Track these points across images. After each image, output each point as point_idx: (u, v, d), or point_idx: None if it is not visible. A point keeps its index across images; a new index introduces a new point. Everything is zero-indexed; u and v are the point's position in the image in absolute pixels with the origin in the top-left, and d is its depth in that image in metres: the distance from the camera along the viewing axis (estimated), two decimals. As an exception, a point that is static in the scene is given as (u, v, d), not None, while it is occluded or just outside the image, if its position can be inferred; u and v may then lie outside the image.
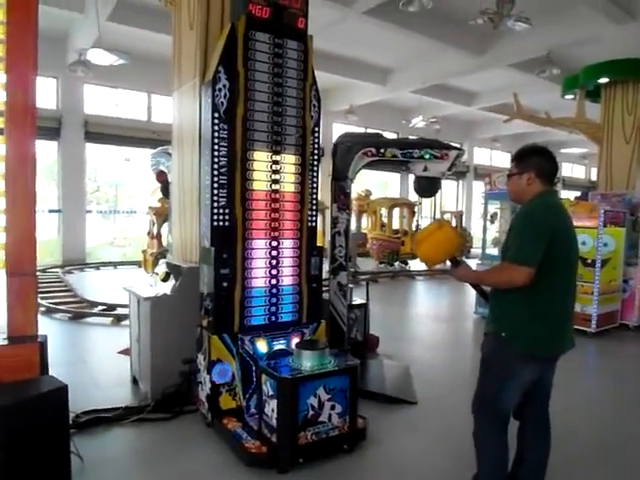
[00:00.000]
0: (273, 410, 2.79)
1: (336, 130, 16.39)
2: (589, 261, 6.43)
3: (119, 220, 15.95)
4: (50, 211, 12.66)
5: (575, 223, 6.68)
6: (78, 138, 12.52)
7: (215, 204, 3.20)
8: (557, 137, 19.56)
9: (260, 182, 3.29)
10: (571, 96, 10.45)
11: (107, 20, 9.20)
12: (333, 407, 2.88)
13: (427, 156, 4.00)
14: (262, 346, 3.26)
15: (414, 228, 14.20)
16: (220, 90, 3.18)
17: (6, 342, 2.71)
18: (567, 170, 26.12)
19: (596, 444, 3.34)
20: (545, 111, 11.22)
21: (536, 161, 2.29)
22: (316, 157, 3.61)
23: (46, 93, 12.14)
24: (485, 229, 7.78)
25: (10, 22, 2.66)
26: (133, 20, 9.59)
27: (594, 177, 13.07)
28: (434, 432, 3.42)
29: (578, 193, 10.92)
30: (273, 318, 3.41)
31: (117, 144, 13.85)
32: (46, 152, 13.02)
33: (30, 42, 2.69)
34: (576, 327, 6.06)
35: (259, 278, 3.33)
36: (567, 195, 16.60)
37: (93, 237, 13.89)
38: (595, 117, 9.89)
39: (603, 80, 9.05)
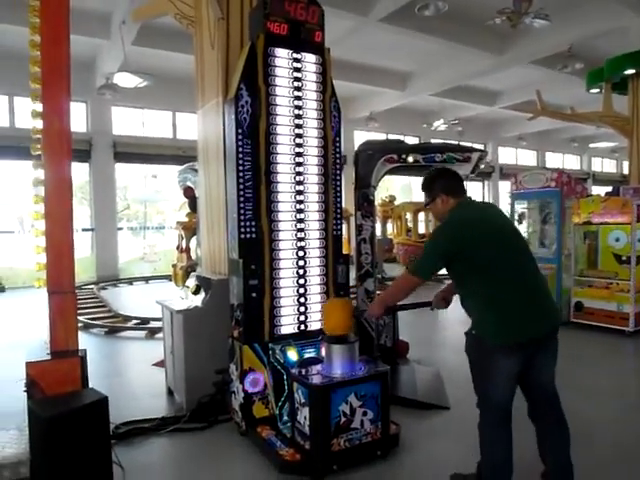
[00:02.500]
0: (305, 417, 2.83)
1: (357, 138, 16.45)
2: (624, 258, 6.25)
3: (149, 236, 16.35)
4: (83, 230, 13.09)
5: (607, 219, 6.52)
6: (108, 158, 12.95)
7: (242, 217, 3.29)
8: (585, 132, 19.18)
9: (285, 194, 3.37)
10: (596, 90, 10.25)
11: (132, 44, 9.53)
12: (365, 413, 2.90)
13: (449, 160, 4.01)
14: (292, 354, 3.31)
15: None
16: (243, 106, 3.28)
17: (49, 357, 2.85)
18: (597, 165, 25.47)
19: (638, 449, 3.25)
20: (570, 106, 11.05)
21: (439, 183, 2.56)
22: (338, 166, 3.67)
23: (77, 117, 12.60)
24: (513, 230, 7.66)
25: (45, 55, 2.82)
26: (156, 42, 9.90)
27: (626, 171, 12.70)
28: (467, 437, 3.35)
29: (609, 188, 10.64)
30: (302, 327, 3.46)
31: (145, 162, 14.27)
32: (78, 173, 13.50)
33: (63, 72, 2.85)
34: (613, 327, 5.99)
35: (287, 288, 3.39)
36: (598, 191, 16.17)
37: (125, 253, 14.27)
38: (623, 109, 9.67)
39: (629, 72, 8.85)
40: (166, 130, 14.10)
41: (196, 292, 4.10)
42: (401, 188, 20.68)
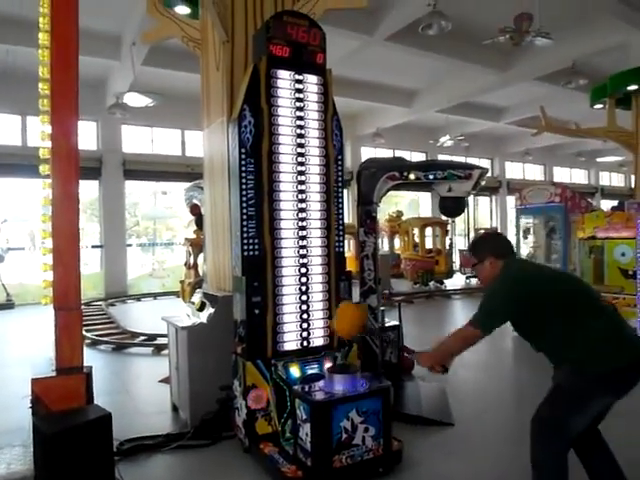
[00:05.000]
0: (307, 434, 2.84)
1: (365, 154, 16.57)
2: (630, 272, 6.23)
3: (158, 252, 16.48)
4: (93, 247, 13.25)
5: (612, 234, 6.57)
6: (117, 176, 13.14)
7: (245, 235, 3.34)
8: (591, 146, 19.14)
9: (287, 212, 3.42)
10: (600, 105, 10.29)
11: (142, 64, 9.76)
12: (366, 430, 2.90)
13: (450, 177, 4.05)
14: (295, 371, 3.33)
15: (447, 247, 14.06)
16: (246, 127, 3.35)
17: (55, 373, 2.90)
18: (605, 179, 25.38)
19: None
20: (575, 122, 11.08)
21: (488, 246, 2.59)
22: (340, 184, 3.72)
23: (87, 135, 12.87)
24: (518, 244, 7.67)
25: (54, 79, 2.93)
26: (165, 63, 10.13)
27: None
28: (471, 454, 3.37)
29: (615, 202, 10.62)
30: (305, 343, 3.48)
31: (154, 179, 14.48)
32: (88, 190, 13.71)
33: (72, 95, 2.95)
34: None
35: (290, 304, 3.43)
36: (607, 205, 16.10)
37: (134, 270, 14.38)
38: (628, 124, 9.69)
39: (632, 87, 8.90)
40: (175, 148, 14.31)
41: (201, 309, 4.14)
42: (409, 203, 20.73)
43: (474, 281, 14.32)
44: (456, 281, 13.96)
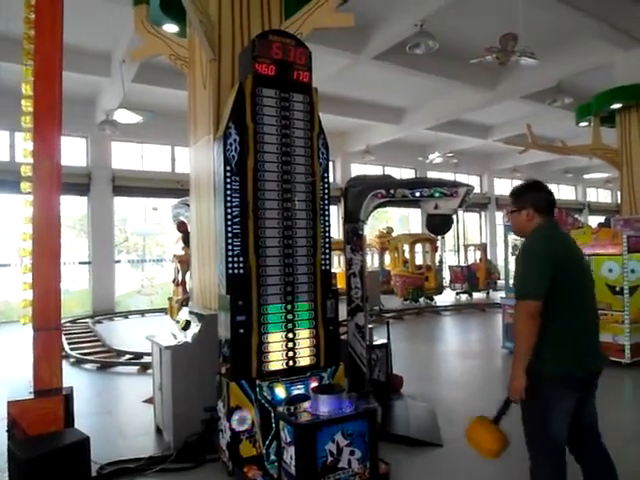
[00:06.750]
0: (292, 457, 2.78)
1: (354, 170, 16.66)
2: (617, 289, 6.24)
3: (147, 268, 16.34)
4: (80, 263, 13.10)
5: (599, 251, 6.52)
6: (106, 192, 13.09)
7: (230, 253, 3.31)
8: (578, 163, 19.43)
9: (272, 229, 3.40)
10: (585, 123, 10.46)
11: (132, 81, 9.79)
12: (352, 452, 2.84)
13: (436, 194, 4.07)
14: (280, 392, 3.27)
15: (437, 263, 14.10)
16: (231, 144, 3.35)
17: (32, 396, 2.82)
18: (592, 195, 25.72)
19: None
20: (561, 139, 11.25)
21: (532, 196, 2.41)
22: (327, 202, 3.72)
23: (77, 152, 12.83)
24: (507, 261, 7.69)
25: (36, 96, 2.91)
26: (155, 80, 10.18)
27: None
28: (459, 476, 3.31)
29: (603, 219, 10.74)
30: (290, 363, 3.42)
31: (144, 195, 14.43)
32: (77, 207, 13.62)
33: (54, 113, 2.93)
34: (610, 358, 5.91)
35: (275, 323, 3.38)
36: (595, 221, 16.28)
37: (122, 286, 14.23)
38: (613, 142, 9.84)
39: (616, 106, 9.06)
40: (165, 164, 14.30)
41: (186, 327, 4.08)
42: (399, 219, 20.81)
43: (464, 297, 14.35)
44: (446, 297, 13.96)
